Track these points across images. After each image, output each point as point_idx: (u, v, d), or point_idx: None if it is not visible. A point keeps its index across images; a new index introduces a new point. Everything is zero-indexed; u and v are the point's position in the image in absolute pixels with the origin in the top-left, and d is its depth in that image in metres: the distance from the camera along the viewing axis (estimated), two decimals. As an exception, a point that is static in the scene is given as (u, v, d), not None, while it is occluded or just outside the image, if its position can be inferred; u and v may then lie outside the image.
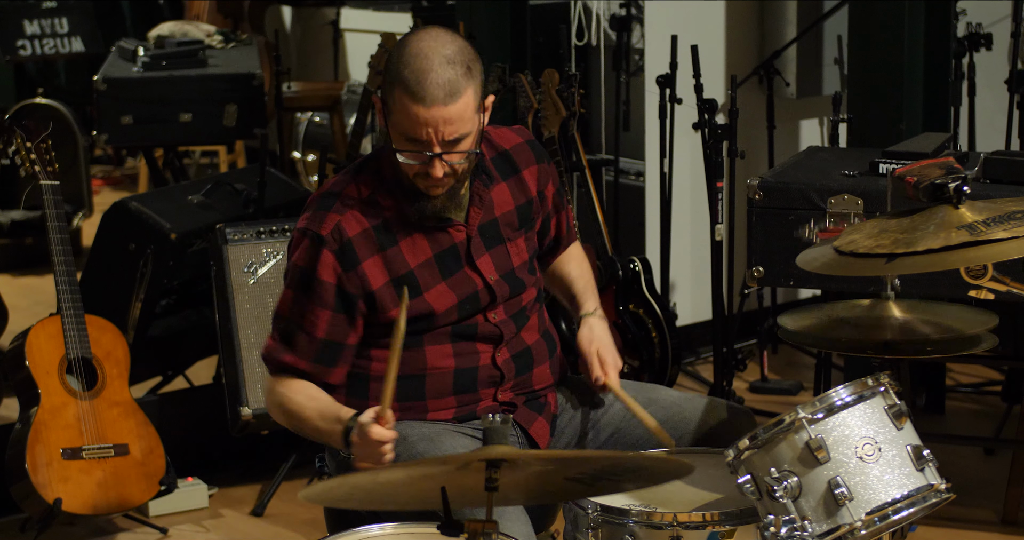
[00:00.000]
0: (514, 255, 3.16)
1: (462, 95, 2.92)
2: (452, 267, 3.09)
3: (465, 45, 2.98)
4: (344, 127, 7.37)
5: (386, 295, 3.03)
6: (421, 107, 2.91)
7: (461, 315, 3.10)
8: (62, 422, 4.27)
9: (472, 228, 3.11)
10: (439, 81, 2.90)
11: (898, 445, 2.82)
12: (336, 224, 3.02)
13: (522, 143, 3.23)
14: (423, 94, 2.90)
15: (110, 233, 4.93)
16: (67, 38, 8.01)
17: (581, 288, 3.37)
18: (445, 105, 2.91)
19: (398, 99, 2.93)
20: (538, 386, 3.20)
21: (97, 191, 7.96)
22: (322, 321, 3.03)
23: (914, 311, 3.16)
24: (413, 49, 2.93)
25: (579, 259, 3.41)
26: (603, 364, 3.20)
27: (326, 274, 3.02)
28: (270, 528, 4.55)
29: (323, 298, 3.03)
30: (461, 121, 2.94)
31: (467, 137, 2.97)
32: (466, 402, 3.13)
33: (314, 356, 3.05)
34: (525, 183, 3.20)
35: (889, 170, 4.07)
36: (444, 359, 3.10)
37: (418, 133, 2.93)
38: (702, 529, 2.85)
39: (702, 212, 5.45)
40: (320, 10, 8.69)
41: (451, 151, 2.96)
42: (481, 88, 2.98)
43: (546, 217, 3.27)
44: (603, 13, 6.36)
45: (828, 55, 5.96)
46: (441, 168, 2.96)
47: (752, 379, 5.60)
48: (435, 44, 2.93)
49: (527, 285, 3.18)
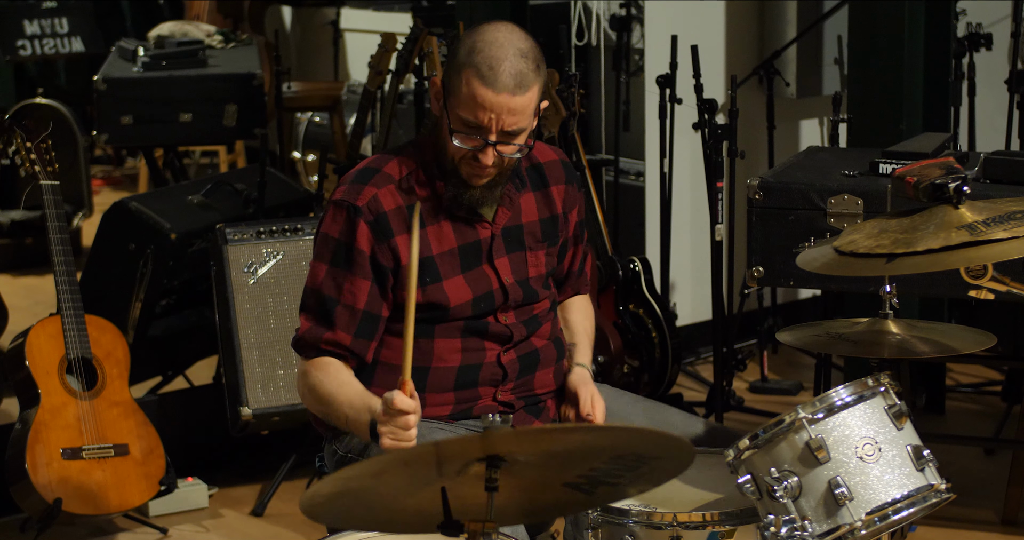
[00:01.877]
0: (531, 265, 3.17)
1: (529, 89, 2.96)
2: (472, 262, 3.10)
3: (536, 45, 3.02)
4: (344, 127, 7.37)
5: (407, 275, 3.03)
6: (491, 91, 2.94)
7: (475, 312, 3.10)
8: (62, 422, 4.27)
9: (497, 227, 3.13)
10: (512, 70, 2.94)
11: (898, 445, 2.82)
12: (373, 196, 3.04)
13: (556, 161, 3.25)
14: (495, 79, 2.93)
15: (110, 233, 4.93)
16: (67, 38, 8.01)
17: (582, 341, 3.34)
18: (513, 94, 2.94)
19: (466, 82, 2.95)
20: (539, 390, 3.20)
21: (97, 191, 7.96)
22: (363, 292, 3.04)
23: (912, 330, 3.15)
24: (488, 37, 2.98)
25: (585, 312, 3.39)
26: (594, 405, 3.17)
27: (363, 244, 3.03)
28: (270, 528, 4.55)
29: (364, 268, 3.03)
30: (523, 114, 2.97)
31: (523, 132, 3.00)
32: (465, 399, 3.13)
33: (357, 329, 3.05)
34: (552, 199, 3.21)
35: (889, 170, 4.08)
36: (452, 353, 3.10)
37: (480, 118, 2.96)
38: (702, 529, 2.85)
39: (702, 212, 5.45)
40: (320, 10, 8.70)
41: (506, 142, 2.98)
42: (544, 87, 3.02)
43: (564, 242, 3.27)
44: (603, 13, 6.36)
45: (828, 55, 5.96)
46: (492, 156, 2.99)
47: (752, 379, 5.60)
48: (511, 37, 2.99)
49: (540, 297, 3.18)
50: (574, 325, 3.36)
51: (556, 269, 3.27)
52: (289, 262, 4.68)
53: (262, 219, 4.84)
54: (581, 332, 3.35)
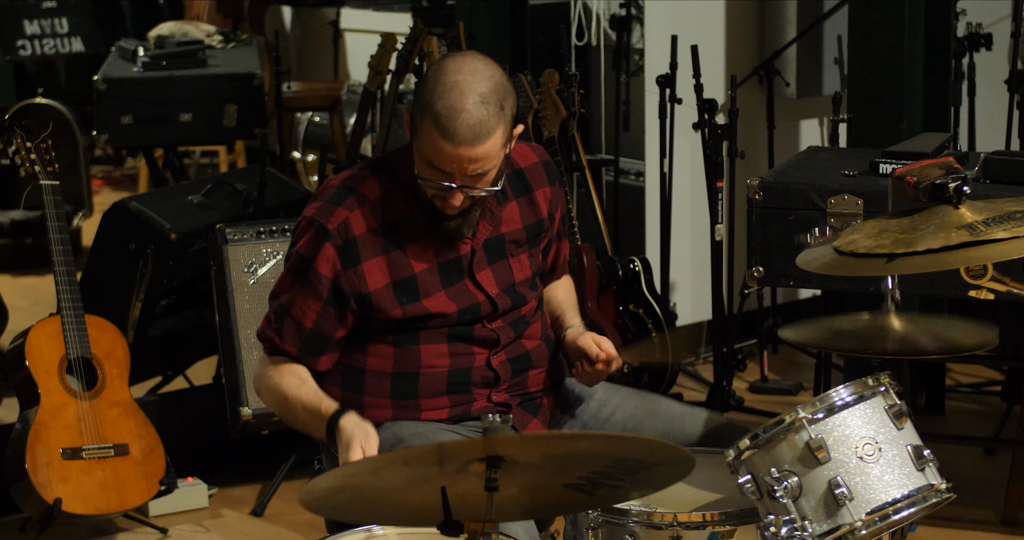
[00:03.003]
0: (516, 271, 3.16)
1: (491, 136, 2.91)
2: (453, 278, 3.09)
3: (501, 80, 2.95)
4: (344, 127, 7.37)
5: (385, 297, 3.03)
6: (448, 144, 2.90)
7: (460, 320, 3.10)
8: (62, 422, 4.27)
9: (477, 242, 3.11)
10: (470, 121, 2.88)
11: (898, 445, 2.82)
12: (344, 220, 3.02)
13: (538, 163, 3.22)
14: (452, 133, 2.88)
15: (110, 233, 4.93)
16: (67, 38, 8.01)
17: (565, 308, 3.35)
18: (472, 146, 2.90)
19: (427, 130, 2.91)
20: (533, 389, 3.19)
21: (97, 191, 7.95)
22: (311, 311, 3.04)
23: (914, 323, 3.15)
24: (448, 80, 2.90)
25: (566, 287, 3.40)
26: (599, 344, 3.18)
27: (324, 268, 3.02)
28: (270, 528, 4.55)
29: (317, 290, 3.03)
30: (486, 159, 2.93)
31: (491, 172, 2.97)
32: (460, 402, 3.12)
33: (301, 345, 3.07)
34: (537, 204, 3.19)
35: (889, 170, 4.08)
36: (439, 358, 3.09)
37: (442, 165, 2.93)
38: (702, 529, 2.85)
39: (702, 212, 5.44)
40: (320, 10, 8.70)
41: (472, 185, 2.96)
42: (511, 123, 2.97)
43: (549, 240, 3.27)
44: (603, 13, 6.36)
45: (828, 55, 5.96)
46: (460, 198, 2.97)
47: (752, 379, 5.60)
48: (472, 79, 2.90)
49: (528, 299, 3.18)
50: (557, 299, 3.36)
51: (540, 267, 3.26)
52: (289, 262, 4.68)
53: (262, 219, 4.83)
54: (563, 302, 3.36)
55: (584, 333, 3.23)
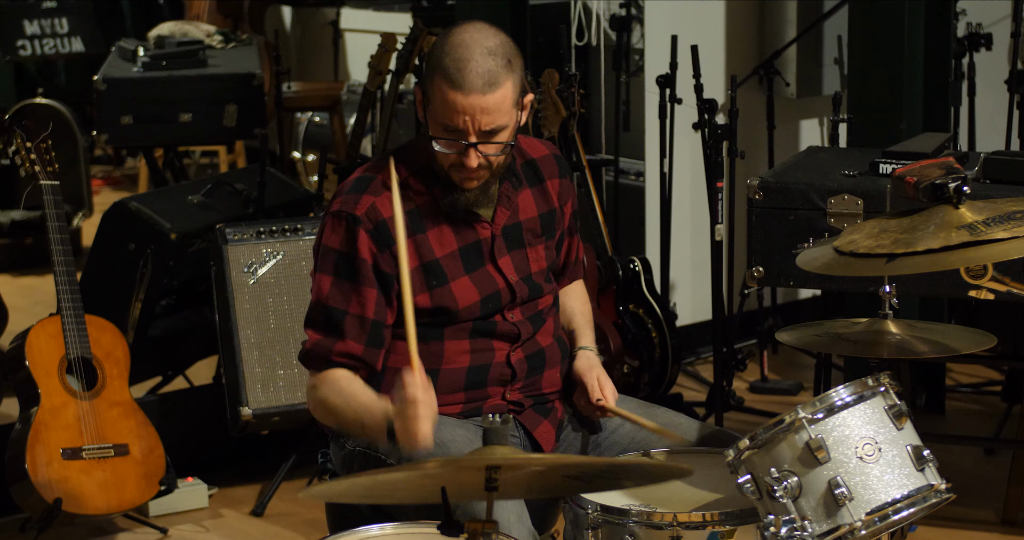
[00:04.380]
0: (533, 261, 3.18)
1: (501, 86, 2.95)
2: (475, 263, 3.11)
3: (507, 40, 3.01)
4: (344, 127, 7.37)
5: (414, 279, 3.03)
6: (460, 94, 2.93)
7: (483, 312, 3.11)
8: (62, 422, 4.27)
9: (497, 227, 3.13)
10: (479, 70, 2.93)
11: (898, 445, 2.82)
12: (371, 205, 3.03)
13: (549, 155, 3.25)
14: (462, 82, 2.93)
15: (110, 233, 4.93)
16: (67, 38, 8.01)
17: (579, 324, 3.36)
18: (483, 94, 2.93)
19: (437, 87, 2.96)
20: (547, 390, 3.20)
21: (97, 191, 7.96)
22: (370, 301, 3.03)
23: (912, 330, 3.15)
24: (455, 40, 2.97)
25: (582, 298, 3.41)
26: (602, 388, 3.19)
27: (365, 253, 3.03)
28: (270, 528, 4.55)
29: (368, 277, 3.03)
30: (499, 112, 2.96)
31: (504, 129, 2.99)
32: (474, 399, 3.13)
33: (367, 338, 3.04)
34: (549, 194, 3.22)
35: (889, 170, 4.08)
36: (461, 355, 3.11)
37: (455, 121, 2.96)
38: (702, 529, 2.85)
39: (702, 212, 5.45)
40: (320, 10, 8.70)
41: (487, 142, 2.98)
42: (521, 83, 3.01)
43: (561, 235, 3.28)
44: (603, 13, 6.36)
45: (828, 55, 5.96)
46: (476, 158, 2.98)
47: (752, 379, 5.60)
48: (478, 36, 2.97)
49: (544, 291, 3.19)
50: (572, 310, 3.37)
51: (554, 262, 3.27)
52: (289, 262, 4.68)
53: (262, 219, 4.83)
54: (579, 315, 3.37)
55: (592, 369, 3.22)
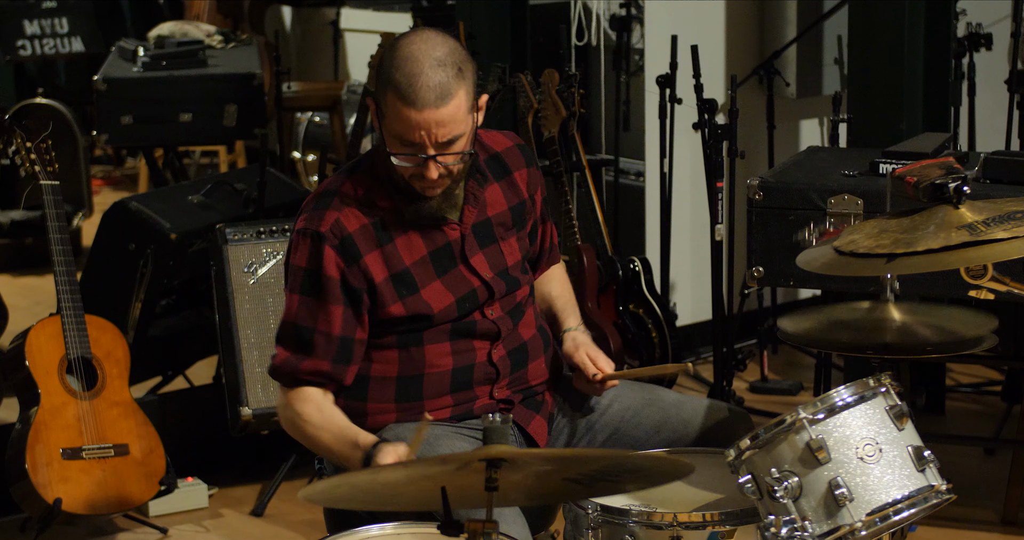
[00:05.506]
0: (507, 254, 3.17)
1: (453, 97, 2.92)
2: (447, 265, 3.10)
3: (456, 46, 2.98)
4: (344, 127, 7.38)
5: (385, 290, 3.04)
6: (413, 110, 2.91)
7: (461, 312, 3.10)
8: (62, 422, 4.27)
9: (466, 227, 3.12)
10: (430, 84, 2.90)
11: (899, 446, 2.82)
12: (335, 220, 3.03)
13: (512, 146, 3.24)
14: (414, 97, 2.90)
15: (110, 233, 4.93)
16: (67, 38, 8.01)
17: (562, 306, 3.37)
18: (437, 108, 2.91)
19: (390, 103, 2.94)
20: (534, 382, 3.20)
21: (97, 191, 7.96)
22: (336, 318, 3.03)
23: (914, 314, 3.15)
24: (403, 53, 2.94)
25: (561, 280, 3.41)
26: (595, 362, 3.20)
27: (331, 270, 3.02)
28: (270, 528, 4.55)
29: (334, 294, 3.03)
30: (454, 123, 2.94)
31: (460, 138, 2.97)
32: (462, 401, 3.13)
33: (334, 356, 3.05)
34: (517, 185, 3.21)
35: (889, 170, 4.08)
36: (442, 358, 3.10)
37: (411, 136, 2.94)
38: (702, 529, 2.86)
39: (702, 212, 5.45)
40: (320, 10, 8.70)
41: (445, 153, 2.97)
42: (474, 88, 2.99)
43: (534, 223, 3.28)
44: (603, 13, 6.36)
45: (828, 55, 5.96)
46: (436, 169, 2.97)
47: (752, 379, 5.60)
48: (425, 46, 2.94)
49: (521, 283, 3.19)
50: (551, 295, 3.37)
51: (529, 251, 3.27)
52: (289, 262, 4.67)
53: (262, 219, 4.83)
54: (559, 297, 3.37)
55: (579, 348, 3.23)
